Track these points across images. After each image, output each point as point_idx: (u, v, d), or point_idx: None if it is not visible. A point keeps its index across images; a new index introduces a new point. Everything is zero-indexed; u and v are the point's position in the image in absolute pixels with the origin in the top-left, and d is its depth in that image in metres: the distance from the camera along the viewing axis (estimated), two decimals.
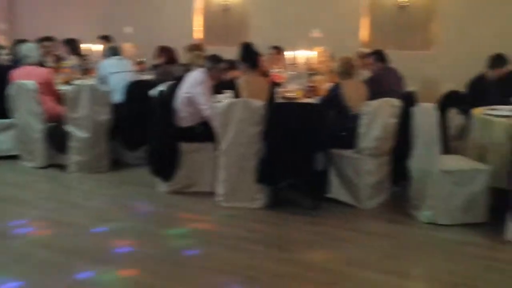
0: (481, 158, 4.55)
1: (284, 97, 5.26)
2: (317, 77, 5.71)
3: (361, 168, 4.69)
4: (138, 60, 7.82)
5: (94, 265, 3.56)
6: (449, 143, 5.14)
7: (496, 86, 5.59)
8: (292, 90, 5.39)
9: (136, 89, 5.97)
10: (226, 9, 9.66)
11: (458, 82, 6.03)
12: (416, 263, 3.77)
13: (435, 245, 4.04)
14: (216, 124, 4.76)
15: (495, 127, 4.45)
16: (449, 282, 3.44)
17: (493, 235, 4.08)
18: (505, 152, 4.20)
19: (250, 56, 5.30)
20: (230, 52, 6.34)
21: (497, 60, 5.67)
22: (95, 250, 3.83)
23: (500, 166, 4.27)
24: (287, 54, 6.45)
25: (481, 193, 4.29)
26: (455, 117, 5.42)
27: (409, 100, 5.06)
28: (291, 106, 4.91)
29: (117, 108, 5.90)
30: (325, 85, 5.56)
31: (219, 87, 5.31)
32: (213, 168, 4.95)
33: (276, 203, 4.75)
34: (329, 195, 4.74)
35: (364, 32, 8.36)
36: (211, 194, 4.90)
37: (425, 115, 4.39)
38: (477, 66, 5.86)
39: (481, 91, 5.58)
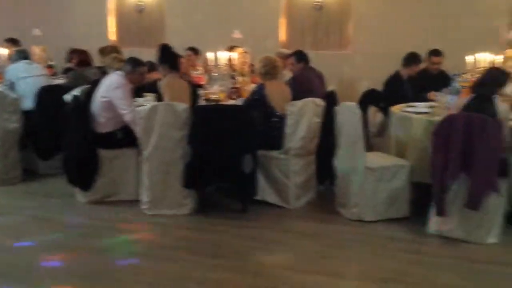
0: (401, 154, 4.71)
1: (207, 99, 5.16)
2: (240, 79, 5.65)
3: (288, 168, 4.69)
4: (48, 63, 7.39)
5: (21, 284, 3.32)
6: (370, 140, 5.29)
7: (410, 84, 5.82)
8: (215, 92, 5.29)
9: (48, 95, 5.65)
10: (140, 10, 9.39)
11: (373, 81, 6.22)
12: (347, 262, 3.80)
13: (363, 242, 4.11)
14: (138, 129, 4.57)
15: (414, 123, 4.61)
16: (380, 278, 3.50)
17: (417, 229, 4.22)
18: (424, 148, 4.36)
19: (169, 57, 5.16)
20: (146, 54, 6.15)
21: (411, 58, 5.90)
22: (19, 269, 3.56)
23: (420, 161, 4.43)
24: (207, 55, 6.34)
25: (403, 188, 4.43)
26: (374, 114, 5.59)
27: (330, 99, 5.13)
28: (216, 109, 4.81)
29: (27, 115, 5.55)
30: (248, 87, 5.52)
31: (139, 90, 5.12)
32: (136, 175, 4.76)
33: (204, 208, 4.64)
34: (257, 197, 4.70)
35: (282, 32, 8.43)
36: (135, 202, 4.70)
37: (348, 114, 4.46)
38: (391, 65, 6.07)
39: (396, 89, 5.78)
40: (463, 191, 3.95)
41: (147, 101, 4.92)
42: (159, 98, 4.77)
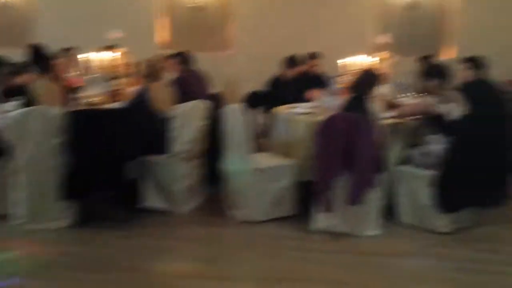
0: (286, 154, 4.80)
1: (86, 103, 4.86)
2: (120, 81, 5.41)
3: (175, 172, 4.57)
4: None
5: None
6: (255, 142, 5.33)
7: (292, 85, 5.98)
8: (94, 95, 5.01)
9: None
10: (4, 6, 8.65)
11: (257, 82, 6.30)
12: (237, 264, 3.79)
13: (252, 243, 4.12)
14: (7, 137, 4.16)
15: (297, 124, 4.73)
16: (272, 279, 3.53)
17: (304, 227, 4.32)
18: (308, 147, 4.48)
19: (41, 59, 4.80)
20: (14, 54, 5.67)
21: (291, 61, 6.07)
22: None
23: (304, 160, 4.55)
24: (82, 56, 5.99)
25: (289, 187, 4.52)
26: (258, 116, 5.65)
27: (215, 101, 5.10)
28: (95, 113, 4.55)
29: None
30: (129, 89, 5.29)
31: (5, 94, 4.68)
32: (8, 187, 4.34)
33: (86, 219, 4.36)
34: (143, 205, 4.53)
35: (163, 33, 8.25)
36: (6, 217, 4.28)
37: (234, 116, 4.45)
38: (274, 66, 6.19)
39: (278, 91, 5.91)
40: (345, 187, 4.11)
41: (16, 106, 4.51)
42: (29, 103, 4.38)
